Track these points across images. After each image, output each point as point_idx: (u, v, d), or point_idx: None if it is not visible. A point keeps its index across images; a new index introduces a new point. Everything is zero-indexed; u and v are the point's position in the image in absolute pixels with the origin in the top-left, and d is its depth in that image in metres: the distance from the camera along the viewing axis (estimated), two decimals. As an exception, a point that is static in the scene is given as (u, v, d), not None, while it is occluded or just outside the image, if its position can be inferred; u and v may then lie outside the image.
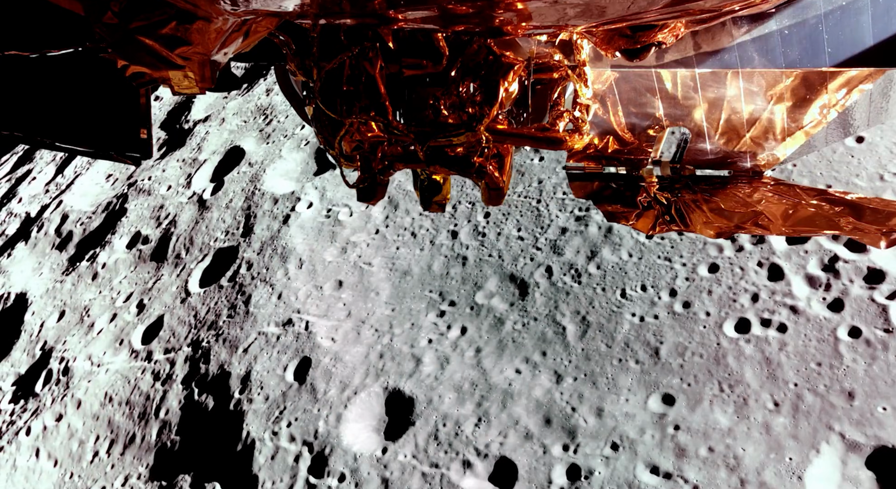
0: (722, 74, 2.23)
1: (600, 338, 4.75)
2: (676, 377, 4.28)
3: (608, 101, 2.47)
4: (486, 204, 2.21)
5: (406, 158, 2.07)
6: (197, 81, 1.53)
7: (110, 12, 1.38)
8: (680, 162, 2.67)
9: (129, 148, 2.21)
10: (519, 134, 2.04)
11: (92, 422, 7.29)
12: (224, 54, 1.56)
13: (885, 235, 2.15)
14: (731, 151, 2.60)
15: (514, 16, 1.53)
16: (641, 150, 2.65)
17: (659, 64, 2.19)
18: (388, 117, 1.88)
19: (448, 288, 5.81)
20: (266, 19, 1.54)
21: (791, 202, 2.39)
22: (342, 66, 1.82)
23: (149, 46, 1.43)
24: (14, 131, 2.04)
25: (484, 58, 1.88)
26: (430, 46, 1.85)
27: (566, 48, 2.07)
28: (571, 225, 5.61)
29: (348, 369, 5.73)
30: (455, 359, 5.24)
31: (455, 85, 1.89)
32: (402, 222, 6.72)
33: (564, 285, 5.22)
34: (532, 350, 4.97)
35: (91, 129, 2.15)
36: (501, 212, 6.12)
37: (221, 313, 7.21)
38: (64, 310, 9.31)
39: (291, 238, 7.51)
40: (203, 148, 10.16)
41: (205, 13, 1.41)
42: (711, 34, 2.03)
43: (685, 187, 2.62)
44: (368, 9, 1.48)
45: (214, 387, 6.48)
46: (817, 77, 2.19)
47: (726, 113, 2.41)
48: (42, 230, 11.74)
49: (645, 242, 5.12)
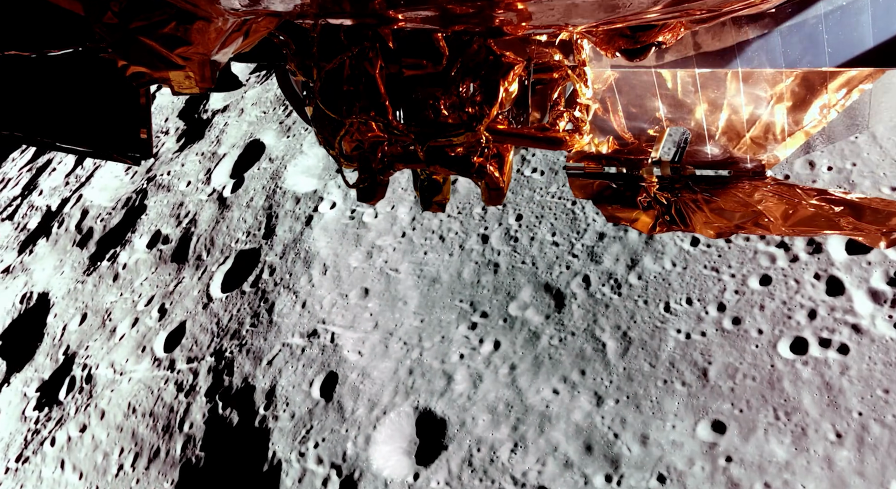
0: (722, 74, 2.23)
1: (643, 356, 4.39)
2: (727, 402, 3.93)
3: (608, 101, 2.47)
4: (486, 204, 2.22)
5: (406, 158, 2.07)
6: (197, 81, 1.53)
7: (110, 12, 1.38)
8: (680, 162, 2.67)
9: (129, 148, 2.21)
10: (519, 134, 2.04)
11: (116, 433, 7.16)
12: (224, 54, 1.56)
13: (885, 235, 2.15)
14: (732, 151, 2.60)
15: (514, 16, 1.53)
16: (641, 150, 2.65)
17: (659, 64, 2.18)
18: (388, 117, 1.88)
19: (479, 297, 5.49)
20: (266, 19, 1.55)
21: (791, 202, 2.39)
22: (342, 66, 1.82)
23: (149, 46, 1.43)
24: (14, 131, 2.04)
25: (484, 58, 1.88)
26: (430, 46, 1.85)
27: (566, 48, 2.07)
28: (609, 230, 5.22)
29: (377, 386, 5.46)
30: (488, 377, 4.93)
31: (455, 85, 1.89)
32: (429, 224, 6.40)
33: (603, 297, 4.85)
34: (570, 368, 4.62)
35: (91, 129, 2.15)
36: (534, 214, 5.76)
37: (244, 322, 7.02)
38: (86, 312, 9.23)
39: (315, 241, 7.26)
40: (222, 141, 9.97)
41: (205, 13, 1.41)
42: (711, 34, 2.03)
43: (685, 187, 2.62)
44: (368, 9, 1.48)
45: (239, 401, 6.29)
46: (817, 77, 2.19)
47: (726, 113, 2.41)
48: (63, 226, 11.68)
49: (690, 250, 4.70)
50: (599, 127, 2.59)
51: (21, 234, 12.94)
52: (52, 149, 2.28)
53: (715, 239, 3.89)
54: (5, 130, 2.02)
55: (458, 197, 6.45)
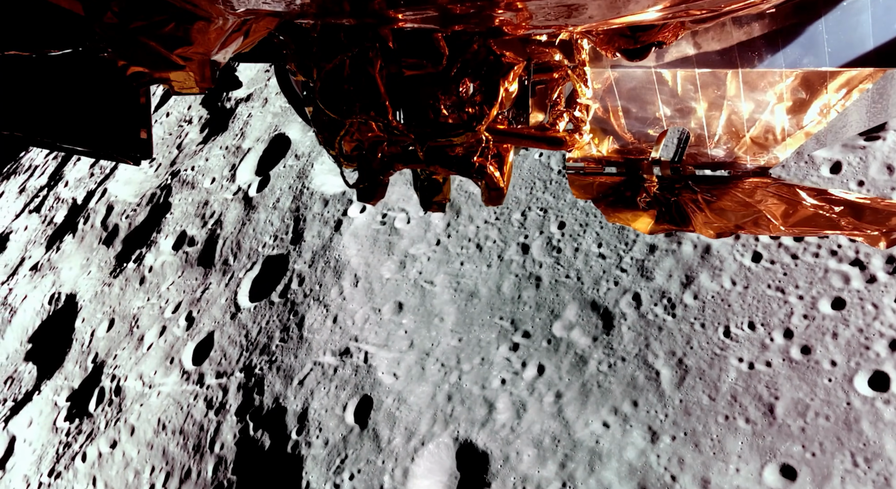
0: (722, 74, 2.23)
1: (701, 387, 3.99)
2: (797, 443, 3.50)
3: (608, 101, 2.47)
4: (485, 204, 2.21)
5: (406, 158, 2.07)
6: (197, 81, 1.53)
7: (110, 12, 1.38)
8: (680, 162, 2.67)
9: (130, 148, 2.21)
10: (519, 134, 2.04)
11: (146, 451, 7.02)
12: (224, 54, 1.56)
13: (885, 235, 2.15)
14: (732, 151, 2.60)
15: (514, 16, 1.53)
16: (641, 150, 2.65)
17: (659, 64, 2.18)
18: (388, 117, 1.88)
19: (521, 315, 5.08)
20: (266, 19, 1.55)
21: (791, 202, 2.39)
22: (342, 66, 1.82)
23: (149, 47, 1.43)
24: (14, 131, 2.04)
25: (484, 58, 1.87)
26: (430, 46, 1.85)
27: (566, 48, 2.07)
28: (661, 241, 4.76)
29: (413, 413, 5.12)
30: (533, 406, 4.54)
31: (455, 85, 1.89)
32: (465, 232, 5.97)
33: (656, 318, 4.42)
34: (621, 398, 4.22)
35: (91, 129, 2.15)
36: (578, 222, 5.30)
37: (274, 336, 6.79)
38: (113, 318, 9.16)
39: (344, 249, 6.93)
40: (246, 134, 9.71)
41: (205, 13, 1.41)
42: (711, 34, 2.03)
43: (685, 187, 2.62)
44: (368, 9, 1.48)
45: (270, 422, 6.06)
46: (817, 77, 2.19)
47: (726, 113, 2.41)
48: (88, 222, 11.65)
49: (751, 267, 4.22)
50: (599, 127, 2.59)
51: (48, 229, 12.97)
52: (52, 149, 2.28)
53: (715, 239, 3.86)
54: (5, 130, 2.02)
55: None
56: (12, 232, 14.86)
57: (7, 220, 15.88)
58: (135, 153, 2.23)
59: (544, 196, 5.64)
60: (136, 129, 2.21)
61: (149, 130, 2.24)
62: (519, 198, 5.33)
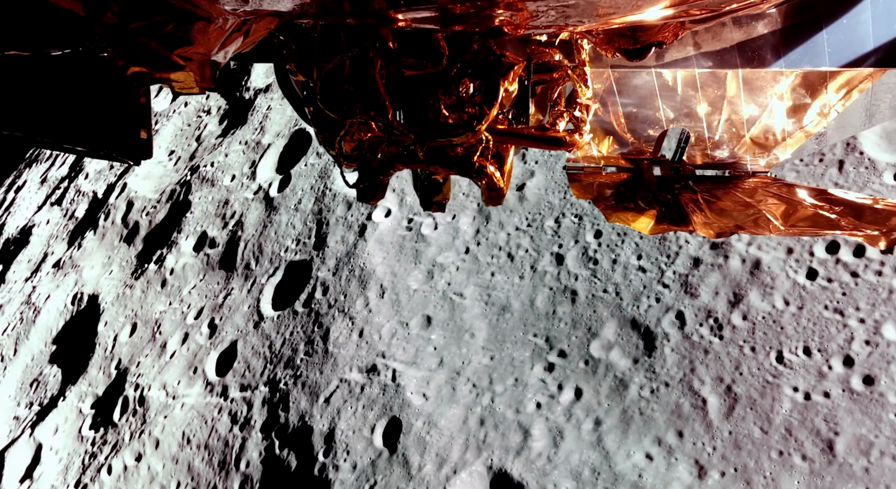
0: (722, 74, 2.23)
1: (752, 418, 3.62)
2: (860, 485, 3.12)
3: (608, 101, 2.47)
4: (485, 204, 2.22)
5: (406, 158, 2.07)
6: (197, 81, 1.53)
7: (110, 12, 1.38)
8: (680, 162, 2.67)
9: (130, 148, 2.21)
10: (519, 134, 2.04)
11: (172, 465, 6.87)
12: (224, 54, 1.57)
13: (885, 235, 2.15)
14: (732, 151, 2.60)
15: (513, 16, 1.53)
16: (641, 149, 2.66)
17: (659, 64, 2.19)
18: (388, 117, 1.88)
19: (556, 332, 4.76)
20: (266, 19, 1.55)
21: (791, 202, 2.39)
22: (342, 66, 1.82)
23: (149, 47, 1.43)
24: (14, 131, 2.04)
25: (484, 58, 1.87)
26: (430, 46, 1.85)
27: (566, 48, 2.07)
28: (706, 255, 4.38)
29: (445, 438, 4.84)
30: (570, 434, 4.23)
31: (455, 85, 1.89)
32: (495, 239, 5.65)
33: (702, 340, 4.06)
34: (665, 427, 3.88)
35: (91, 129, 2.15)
36: (616, 230, 4.90)
37: (298, 348, 6.58)
38: (135, 322, 9.09)
39: (369, 257, 6.63)
40: (266, 128, 9.45)
41: (205, 13, 1.41)
42: (711, 34, 2.03)
43: (685, 187, 2.63)
44: (368, 9, 1.48)
45: (296, 442, 5.86)
46: (817, 77, 2.19)
47: (726, 113, 2.41)
48: (109, 218, 11.59)
49: (806, 285, 3.82)
50: (599, 127, 2.59)
51: (70, 223, 12.97)
52: (52, 148, 2.28)
53: (715, 238, 3.83)
54: (5, 130, 2.02)
55: (528, 206, 5.65)
56: (35, 225, 14.97)
57: (30, 212, 16.02)
58: (135, 153, 2.23)
59: (579, 201, 5.35)
60: (136, 129, 2.21)
61: (149, 130, 2.24)
62: (552, 203, 4.92)
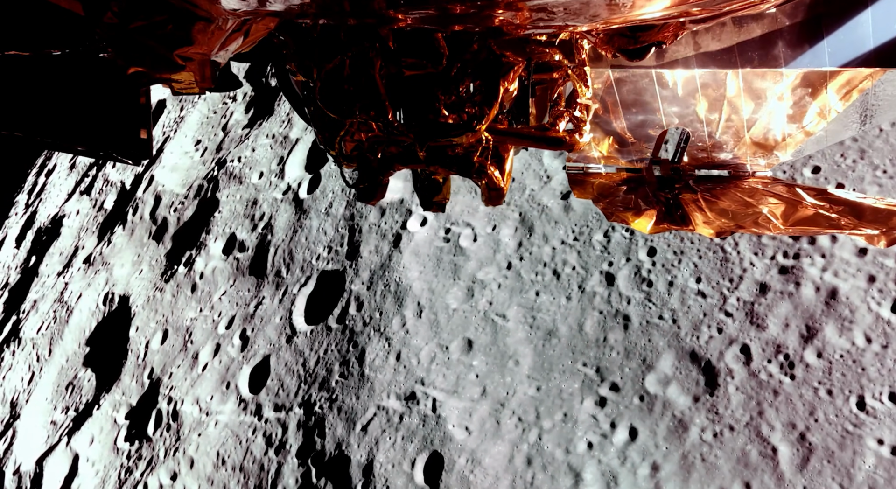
0: (722, 74, 2.23)
1: (830, 472, 3.19)
2: None
3: (608, 101, 2.47)
4: (485, 204, 2.22)
5: (406, 158, 2.07)
6: (197, 81, 1.53)
7: (110, 12, 1.38)
8: (680, 162, 2.67)
9: (130, 148, 2.21)
10: (519, 134, 2.05)
11: (207, 486, 6.71)
12: (224, 54, 1.57)
13: (886, 235, 2.15)
14: (732, 151, 2.60)
15: (513, 16, 1.53)
16: (641, 149, 2.66)
17: (659, 64, 2.19)
18: (388, 117, 1.88)
19: (607, 362, 4.30)
20: (266, 19, 1.55)
21: (791, 202, 2.39)
22: (342, 66, 1.82)
23: (149, 47, 1.43)
24: (14, 131, 2.04)
25: (484, 58, 1.88)
26: (430, 46, 1.85)
27: (566, 48, 2.07)
28: (774, 280, 3.89)
29: (489, 478, 4.44)
30: (625, 479, 3.83)
31: (455, 85, 1.89)
32: (539, 254, 5.20)
33: (770, 379, 3.61)
34: (730, 477, 3.46)
35: (91, 129, 2.15)
36: (672, 248, 4.36)
37: (333, 369, 6.32)
38: (167, 329, 9.04)
39: (405, 270, 6.26)
40: (294, 121, 9.31)
41: (205, 13, 1.41)
42: (711, 34, 2.03)
43: (685, 187, 2.63)
44: (368, 9, 1.48)
45: (334, 471, 5.56)
46: (817, 77, 2.19)
47: (726, 113, 2.41)
48: (137, 213, 11.61)
49: (891, 320, 3.33)
50: (599, 127, 2.59)
51: (99, 215, 13.06)
52: (52, 148, 2.28)
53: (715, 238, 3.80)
54: (5, 130, 2.02)
55: (574, 217, 5.18)
56: (65, 216, 15.08)
57: (60, 200, 16.15)
58: (135, 153, 2.23)
59: (629, 215, 4.97)
60: (136, 129, 2.21)
61: (149, 130, 2.24)
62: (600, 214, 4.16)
